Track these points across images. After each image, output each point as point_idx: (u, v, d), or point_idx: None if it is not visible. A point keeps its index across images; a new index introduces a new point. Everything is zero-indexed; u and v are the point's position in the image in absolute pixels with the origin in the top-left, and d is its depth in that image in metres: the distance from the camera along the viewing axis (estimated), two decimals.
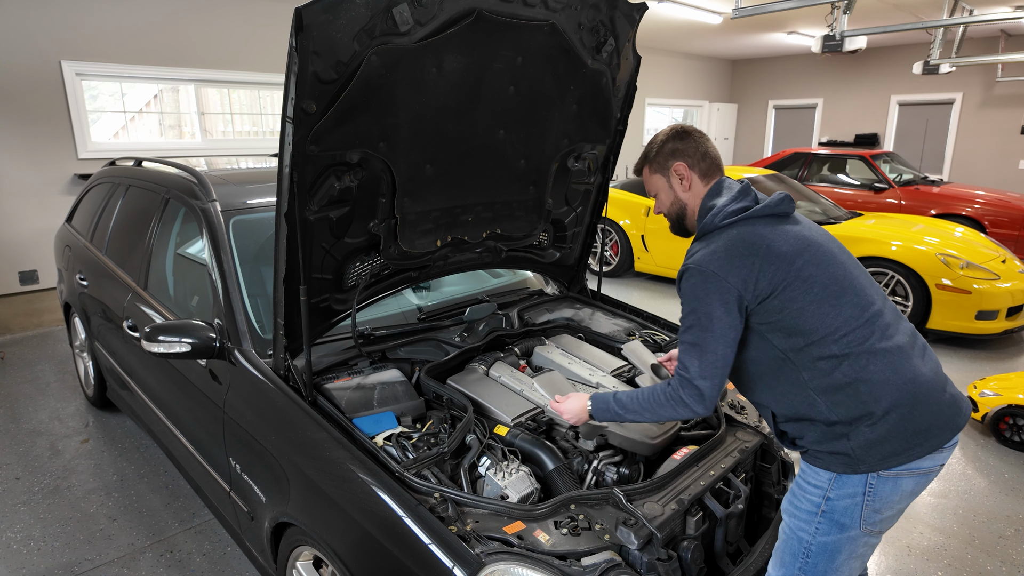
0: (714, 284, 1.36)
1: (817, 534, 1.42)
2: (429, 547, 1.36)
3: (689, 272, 1.40)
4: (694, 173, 1.53)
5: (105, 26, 5.22)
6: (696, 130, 1.57)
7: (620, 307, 2.81)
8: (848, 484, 1.38)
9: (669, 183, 1.56)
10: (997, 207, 6.72)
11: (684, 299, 1.42)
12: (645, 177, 1.63)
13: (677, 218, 1.59)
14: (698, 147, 1.53)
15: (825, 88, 11.67)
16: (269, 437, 1.80)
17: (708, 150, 1.53)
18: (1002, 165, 9.88)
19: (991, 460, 3.27)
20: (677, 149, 1.54)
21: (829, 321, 1.34)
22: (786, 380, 1.40)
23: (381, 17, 1.54)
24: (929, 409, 1.35)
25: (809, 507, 1.42)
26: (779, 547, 1.51)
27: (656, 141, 1.58)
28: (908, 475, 1.37)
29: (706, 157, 1.53)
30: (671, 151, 1.54)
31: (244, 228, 2.31)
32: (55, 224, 5.29)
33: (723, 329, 1.36)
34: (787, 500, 1.50)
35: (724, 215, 1.43)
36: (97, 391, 3.52)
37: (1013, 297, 4.60)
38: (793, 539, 1.46)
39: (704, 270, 1.37)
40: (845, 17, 5.91)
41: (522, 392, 1.99)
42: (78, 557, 2.48)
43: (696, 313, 1.38)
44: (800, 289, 1.35)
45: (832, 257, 1.41)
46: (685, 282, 1.41)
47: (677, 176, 1.54)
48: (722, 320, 1.36)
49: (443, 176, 1.98)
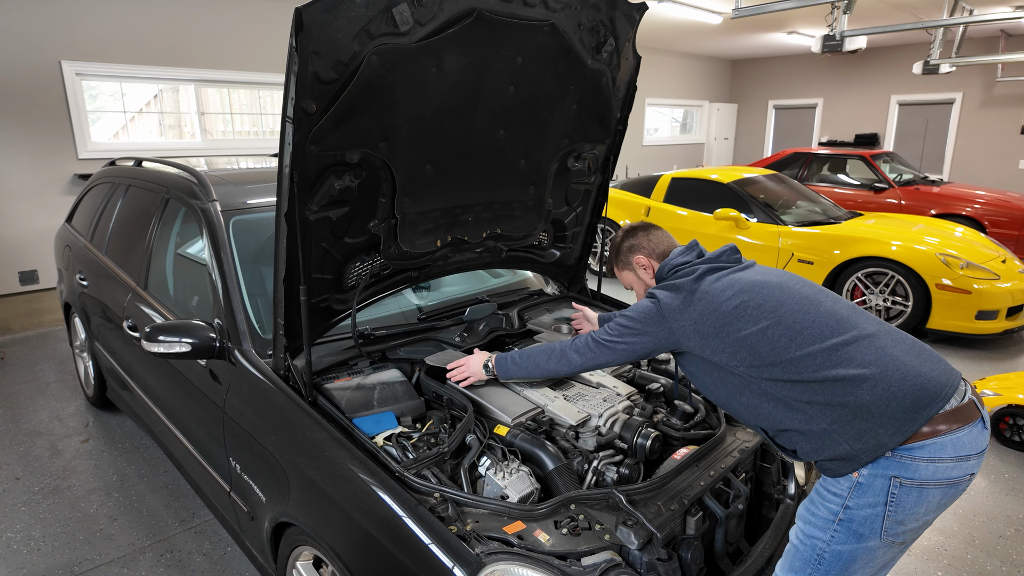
0: (662, 321, 1.59)
1: (832, 542, 1.39)
2: (429, 547, 1.36)
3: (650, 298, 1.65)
4: (652, 260, 1.78)
5: (105, 26, 5.22)
6: (643, 225, 1.84)
7: (620, 307, 2.81)
8: (869, 493, 1.34)
9: (637, 274, 1.82)
10: (997, 207, 6.72)
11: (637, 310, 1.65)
12: (618, 275, 1.91)
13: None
14: (649, 238, 1.79)
15: (825, 88, 11.67)
16: (269, 437, 1.80)
17: (659, 238, 1.80)
18: (1002, 165, 9.89)
19: (991, 460, 3.27)
20: (633, 246, 1.81)
21: (780, 350, 1.42)
22: (753, 395, 1.48)
23: (381, 17, 1.54)
24: (907, 381, 1.34)
25: (826, 514, 1.40)
26: (789, 552, 1.49)
27: (615, 244, 1.88)
28: (935, 486, 1.33)
29: (658, 244, 1.78)
30: (628, 248, 1.82)
31: (244, 228, 2.32)
32: (55, 224, 5.29)
33: (637, 350, 1.64)
34: (803, 506, 1.48)
35: (669, 267, 1.69)
36: (97, 391, 3.52)
37: (1013, 297, 4.60)
38: (806, 545, 1.43)
39: (662, 305, 1.59)
40: (845, 17, 5.92)
41: (522, 392, 1.99)
42: (78, 557, 2.48)
43: (635, 324, 1.63)
44: (744, 323, 1.48)
45: (786, 293, 1.51)
46: (647, 301, 1.65)
47: (640, 267, 1.80)
48: (644, 346, 1.62)
49: (443, 176, 1.98)
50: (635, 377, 2.23)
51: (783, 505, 1.87)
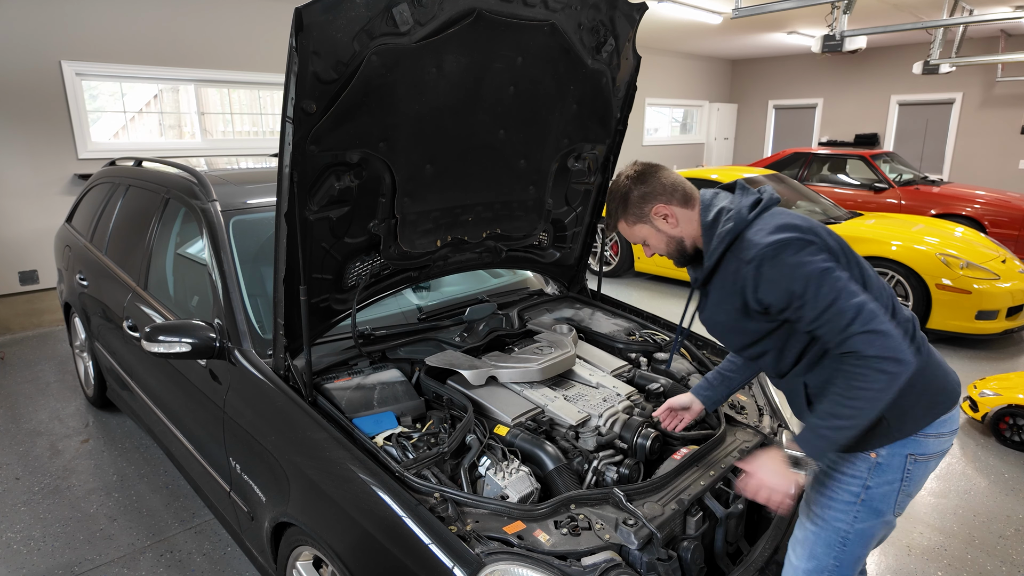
0: (809, 244, 1.30)
1: (855, 522, 1.44)
2: (429, 547, 1.36)
3: (774, 247, 1.30)
4: (674, 207, 1.48)
5: (105, 26, 5.22)
6: (650, 165, 1.51)
7: (620, 307, 2.81)
8: (888, 471, 1.41)
9: (655, 227, 1.50)
10: (997, 207, 6.72)
11: (786, 279, 1.29)
12: (624, 230, 1.55)
13: (679, 252, 1.53)
14: (662, 181, 1.48)
15: (825, 88, 11.67)
16: (269, 437, 1.80)
17: (673, 179, 1.49)
18: (1002, 165, 9.88)
19: (991, 460, 3.27)
20: (646, 193, 1.48)
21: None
22: (819, 347, 1.40)
23: (381, 17, 1.54)
24: (938, 368, 1.44)
25: (847, 497, 1.44)
26: (808, 539, 1.50)
27: (618, 193, 1.51)
28: (936, 457, 1.44)
29: (675, 186, 1.48)
30: (641, 197, 1.48)
31: (244, 228, 2.31)
32: (55, 224, 5.29)
33: (845, 277, 1.29)
34: (817, 493, 1.49)
35: (748, 207, 1.40)
36: (97, 391, 3.52)
37: (1013, 297, 4.60)
38: (828, 530, 1.46)
39: (790, 239, 1.30)
40: (845, 17, 5.91)
41: (522, 392, 1.99)
42: (78, 557, 2.48)
43: (813, 283, 1.27)
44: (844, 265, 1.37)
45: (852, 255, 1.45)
46: (775, 261, 1.29)
47: (660, 217, 1.49)
48: (837, 269, 1.30)
49: (443, 176, 1.98)
50: (635, 377, 2.23)
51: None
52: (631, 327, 2.57)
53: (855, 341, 1.25)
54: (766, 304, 1.36)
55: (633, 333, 2.50)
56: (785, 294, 1.30)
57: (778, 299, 1.32)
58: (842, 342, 1.27)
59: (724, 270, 1.43)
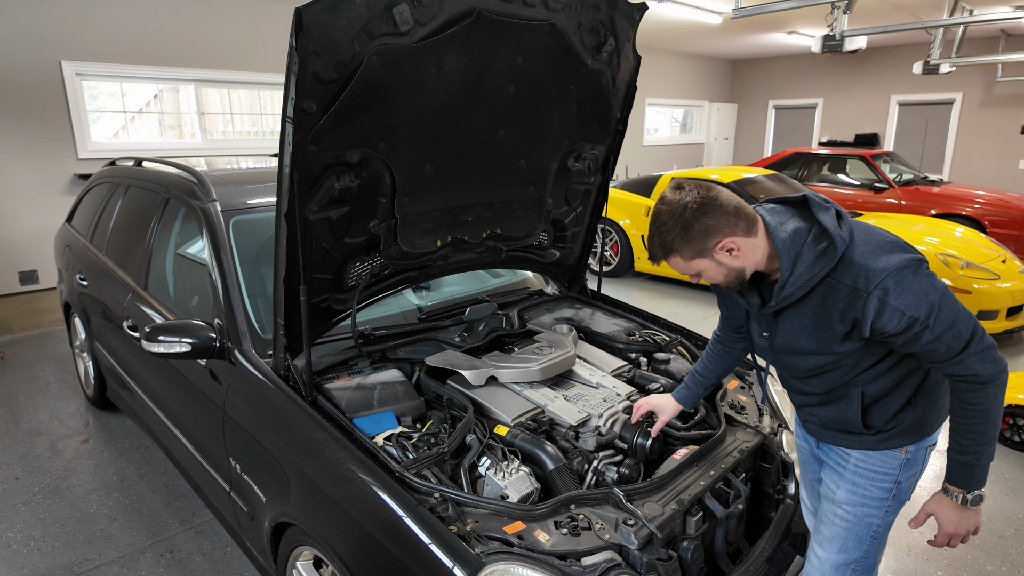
0: (921, 263, 1.27)
1: (886, 516, 1.50)
2: (429, 547, 1.36)
3: (895, 274, 1.23)
4: (738, 238, 1.30)
5: (105, 26, 5.22)
6: (708, 189, 1.30)
7: (620, 307, 2.81)
8: (914, 465, 1.47)
9: (716, 261, 1.33)
10: (997, 207, 6.72)
11: (912, 307, 1.22)
12: (677, 264, 1.36)
13: (738, 282, 1.38)
14: (726, 210, 1.29)
15: (825, 88, 11.67)
16: (269, 437, 1.80)
17: (735, 204, 1.30)
18: (1002, 165, 9.88)
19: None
20: (710, 227, 1.28)
21: None
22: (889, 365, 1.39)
23: (381, 17, 1.54)
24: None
25: (880, 494, 1.48)
26: (838, 535, 1.52)
27: (676, 224, 1.29)
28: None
29: (739, 213, 1.30)
30: (704, 231, 1.28)
31: (244, 228, 2.31)
32: (55, 224, 5.29)
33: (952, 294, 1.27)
34: (847, 492, 1.50)
35: (836, 224, 1.30)
36: (97, 391, 3.52)
37: (1013, 297, 4.60)
38: (859, 526, 1.50)
39: (908, 260, 1.25)
40: (845, 17, 5.92)
41: (522, 392, 1.99)
42: (78, 557, 2.48)
43: (935, 308, 1.23)
44: None
45: None
46: (900, 289, 1.22)
47: (725, 252, 1.31)
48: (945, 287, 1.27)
49: (443, 176, 1.98)
50: (635, 377, 2.23)
51: (783, 505, 1.87)
52: (631, 327, 2.57)
53: (972, 363, 1.24)
54: (879, 333, 1.26)
55: (633, 333, 2.50)
56: (907, 322, 1.23)
57: (897, 326, 1.24)
58: (957, 363, 1.24)
59: (813, 296, 1.32)
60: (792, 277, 1.31)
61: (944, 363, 1.26)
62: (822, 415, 1.51)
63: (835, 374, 1.41)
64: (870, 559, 1.53)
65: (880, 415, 1.43)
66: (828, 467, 1.57)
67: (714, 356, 1.80)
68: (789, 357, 1.44)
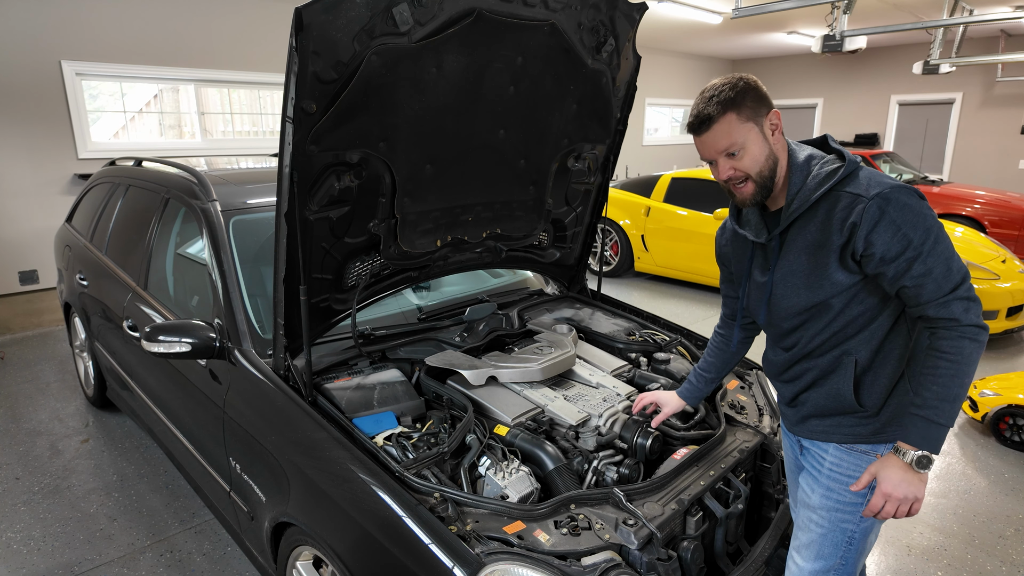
0: (924, 198, 1.26)
1: (861, 521, 1.45)
2: (429, 547, 1.36)
3: (898, 188, 1.24)
4: (779, 123, 1.35)
5: (105, 26, 5.22)
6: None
7: (620, 307, 2.81)
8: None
9: (763, 133, 1.33)
10: (997, 207, 6.72)
11: (909, 225, 1.22)
12: (725, 127, 1.31)
13: (769, 176, 1.36)
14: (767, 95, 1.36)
15: (825, 88, 11.67)
16: (269, 437, 1.80)
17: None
18: (1002, 165, 9.89)
19: (991, 460, 3.27)
20: (762, 96, 1.33)
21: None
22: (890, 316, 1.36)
23: (381, 17, 1.54)
24: None
25: (853, 498, 1.44)
26: (814, 541, 1.50)
27: (731, 89, 1.31)
28: None
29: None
30: (758, 99, 1.32)
31: (244, 228, 2.32)
32: (55, 224, 5.29)
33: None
34: (822, 497, 1.47)
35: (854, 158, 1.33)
36: (97, 391, 3.52)
37: (1013, 297, 4.60)
38: (835, 531, 1.47)
39: (910, 186, 1.26)
40: (845, 17, 5.91)
41: (522, 392, 1.99)
42: (78, 557, 2.48)
43: (932, 235, 1.23)
44: None
45: None
46: (900, 202, 1.22)
47: (771, 126, 1.34)
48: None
49: (443, 176, 1.98)
50: (635, 377, 2.23)
51: (783, 505, 1.87)
52: (631, 327, 2.57)
53: (956, 306, 1.21)
54: (873, 250, 1.25)
55: (633, 333, 2.50)
56: (902, 241, 1.22)
57: (891, 245, 1.23)
58: (942, 304, 1.22)
59: (817, 212, 1.33)
60: (802, 191, 1.34)
61: (929, 304, 1.24)
62: (815, 399, 1.46)
63: (822, 322, 1.38)
64: (849, 566, 1.49)
65: (872, 391, 1.38)
66: (806, 472, 1.55)
67: (715, 350, 1.80)
68: (784, 295, 1.41)
